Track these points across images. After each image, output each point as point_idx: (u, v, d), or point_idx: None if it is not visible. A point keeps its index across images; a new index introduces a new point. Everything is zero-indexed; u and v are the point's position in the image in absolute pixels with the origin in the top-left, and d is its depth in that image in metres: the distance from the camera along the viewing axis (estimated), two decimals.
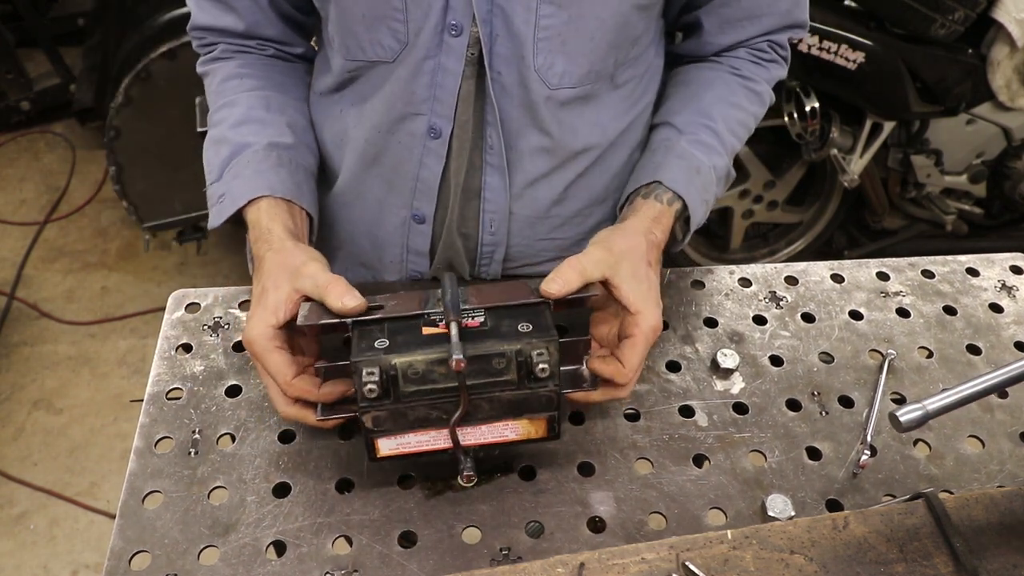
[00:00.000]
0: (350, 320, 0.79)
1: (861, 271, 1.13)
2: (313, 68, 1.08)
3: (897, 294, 1.11)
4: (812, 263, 1.14)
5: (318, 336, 0.85)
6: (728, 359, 0.98)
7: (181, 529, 0.82)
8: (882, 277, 1.13)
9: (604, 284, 0.84)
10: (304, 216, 0.95)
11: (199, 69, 1.05)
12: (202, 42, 1.04)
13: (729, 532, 0.75)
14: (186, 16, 1.02)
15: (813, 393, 0.98)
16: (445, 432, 0.79)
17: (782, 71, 1.07)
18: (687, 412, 0.95)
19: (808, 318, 1.06)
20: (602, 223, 1.07)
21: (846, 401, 0.97)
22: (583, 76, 0.93)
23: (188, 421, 0.92)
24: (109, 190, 2.93)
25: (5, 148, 3.26)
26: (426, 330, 0.77)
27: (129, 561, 0.80)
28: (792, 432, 0.93)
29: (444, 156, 0.97)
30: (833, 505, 0.87)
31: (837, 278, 1.12)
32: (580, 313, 0.90)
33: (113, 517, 1.06)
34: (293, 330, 0.83)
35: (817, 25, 2.05)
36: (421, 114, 0.94)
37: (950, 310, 1.09)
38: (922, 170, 2.39)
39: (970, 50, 2.15)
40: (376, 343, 0.76)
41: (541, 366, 0.75)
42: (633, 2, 0.89)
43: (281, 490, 0.86)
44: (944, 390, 0.70)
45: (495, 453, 0.86)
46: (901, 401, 0.98)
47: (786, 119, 2.29)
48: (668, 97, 1.06)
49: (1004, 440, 0.94)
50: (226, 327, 1.01)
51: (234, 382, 0.95)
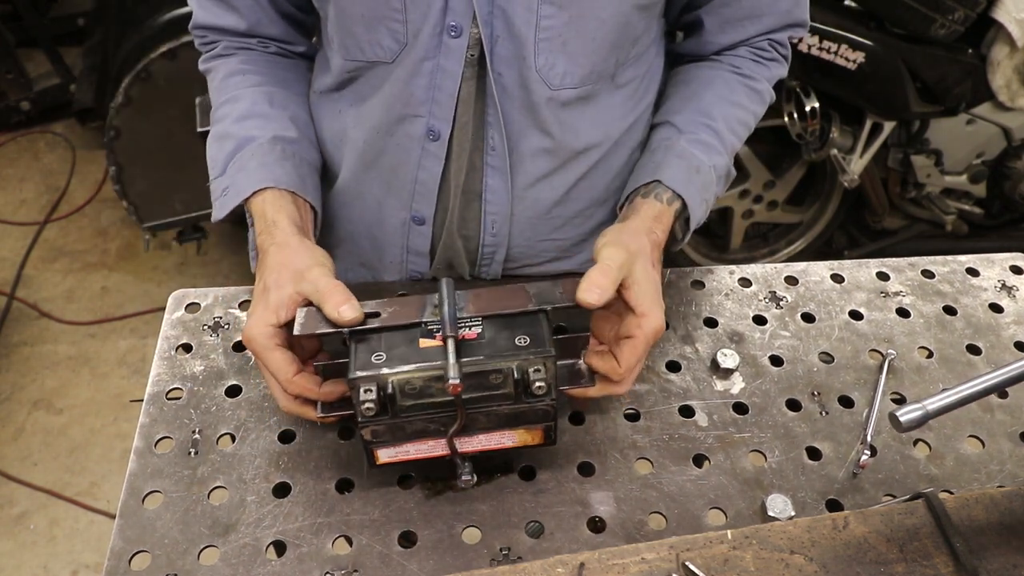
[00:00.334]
0: (347, 330, 0.78)
1: (861, 271, 1.13)
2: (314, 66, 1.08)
3: (897, 294, 1.11)
4: (812, 263, 1.14)
5: (318, 336, 0.85)
6: (728, 359, 0.98)
7: (181, 529, 0.82)
8: (882, 277, 1.13)
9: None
10: (309, 209, 0.95)
11: (201, 67, 1.05)
12: (204, 40, 1.04)
13: (729, 532, 0.75)
14: (186, 16, 1.02)
15: (813, 393, 0.97)
16: (443, 441, 0.80)
17: (783, 70, 1.07)
18: (687, 412, 0.95)
19: (808, 318, 1.06)
20: (603, 224, 1.07)
21: (846, 401, 0.97)
22: (584, 76, 0.92)
23: (188, 421, 0.92)
24: (109, 190, 2.93)
25: (5, 148, 3.26)
26: (423, 343, 0.77)
27: (129, 561, 0.80)
28: (792, 432, 0.93)
29: (443, 158, 0.96)
30: (833, 505, 0.87)
31: (837, 278, 1.12)
32: (581, 311, 0.90)
33: (113, 517, 1.06)
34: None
35: (817, 25, 2.05)
36: (419, 116, 0.94)
37: (950, 310, 1.09)
38: (922, 170, 2.39)
39: (970, 50, 2.15)
40: (373, 357, 0.76)
41: (538, 384, 0.75)
42: (634, 2, 0.89)
43: (281, 490, 0.86)
44: (944, 390, 0.70)
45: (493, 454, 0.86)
46: (901, 401, 0.98)
47: (786, 119, 2.29)
48: (668, 96, 1.06)
49: (1004, 440, 0.94)
50: (226, 327, 1.01)
51: (234, 382, 0.95)
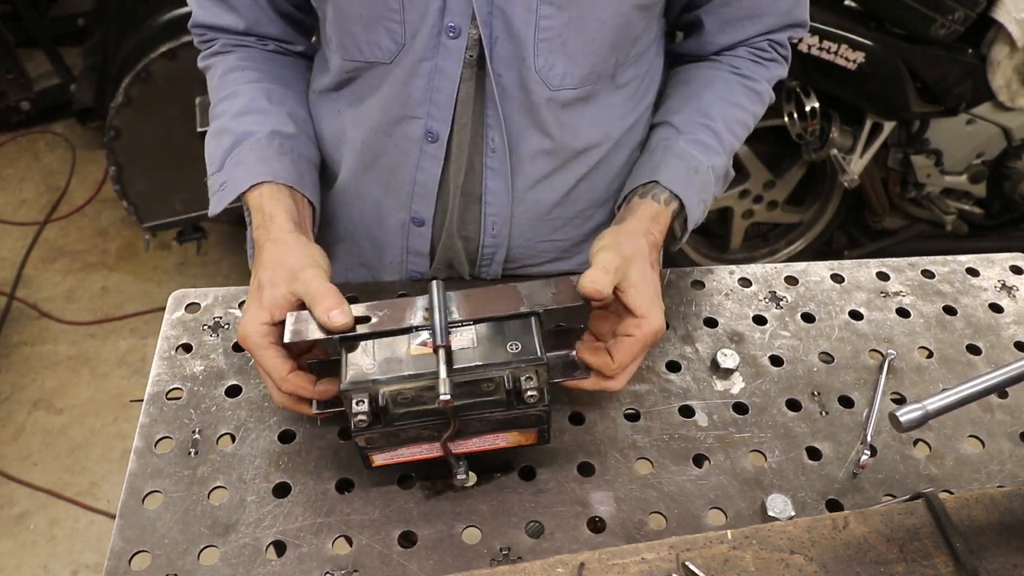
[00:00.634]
0: (338, 336, 0.78)
1: (861, 271, 1.13)
2: (313, 65, 1.08)
3: (897, 294, 1.10)
4: (812, 263, 1.14)
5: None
6: (728, 359, 0.98)
7: (181, 529, 0.82)
8: (882, 277, 1.13)
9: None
10: (307, 205, 0.94)
11: (200, 64, 1.05)
12: (203, 38, 1.04)
13: (729, 532, 0.75)
14: (186, 16, 1.03)
15: (813, 393, 0.97)
16: (438, 444, 0.80)
17: (782, 70, 1.07)
18: (687, 412, 0.95)
19: (808, 318, 1.06)
20: (603, 224, 1.07)
21: (846, 401, 0.97)
22: (584, 77, 0.92)
23: (188, 421, 0.91)
24: (109, 190, 2.93)
25: (5, 148, 3.26)
26: (415, 351, 0.77)
27: (129, 561, 0.80)
28: (792, 432, 0.93)
29: (442, 160, 0.96)
30: (833, 505, 0.87)
31: (837, 278, 1.12)
32: (578, 311, 0.90)
33: (113, 517, 1.06)
34: None
35: (817, 25, 2.05)
36: (417, 118, 0.94)
37: (950, 310, 1.09)
38: (922, 170, 2.39)
39: (970, 50, 2.15)
40: (365, 366, 0.76)
41: (530, 392, 0.75)
42: (634, 2, 0.89)
43: (281, 490, 0.86)
44: (944, 390, 0.70)
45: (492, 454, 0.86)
46: (901, 401, 0.98)
47: (786, 119, 2.29)
48: (668, 96, 1.05)
49: (1004, 440, 0.94)
50: (226, 327, 1.01)
51: (234, 382, 0.95)
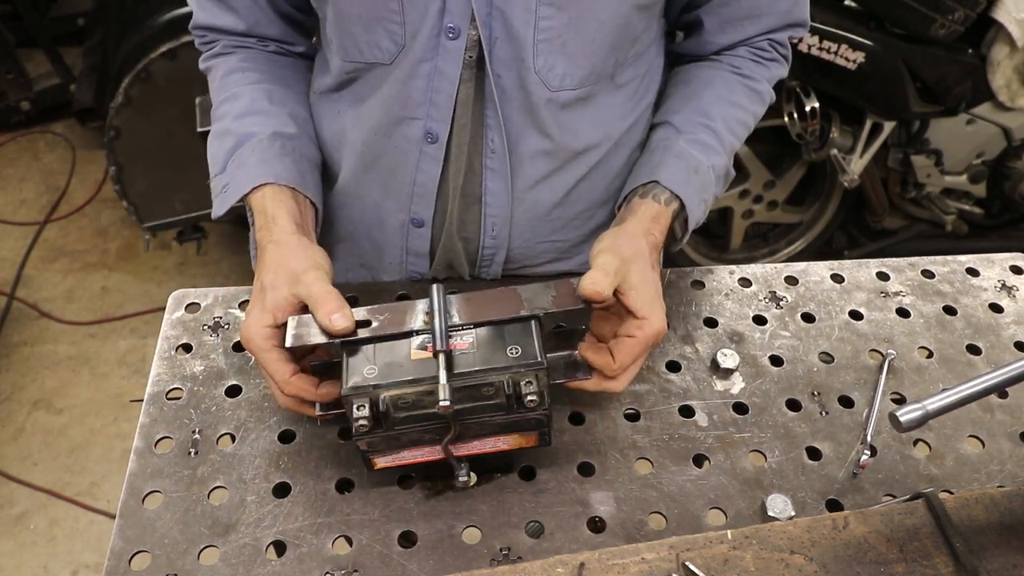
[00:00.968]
0: (338, 341, 0.78)
1: (861, 271, 1.13)
2: (314, 66, 1.08)
3: (897, 294, 1.10)
4: (812, 263, 1.14)
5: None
6: (728, 359, 0.98)
7: (181, 529, 0.82)
8: (882, 277, 1.13)
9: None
10: (309, 206, 0.94)
11: (201, 65, 1.05)
12: (203, 40, 1.04)
13: (729, 532, 0.75)
14: (186, 16, 1.03)
15: (813, 393, 0.97)
16: (439, 447, 0.80)
17: (783, 70, 1.07)
18: (687, 412, 0.95)
19: (808, 318, 1.06)
20: (603, 225, 1.07)
21: (846, 401, 0.97)
22: (584, 77, 0.92)
23: (188, 421, 0.92)
24: (109, 190, 2.93)
25: (5, 148, 3.26)
26: (415, 355, 0.77)
27: (129, 561, 0.80)
28: (792, 432, 0.93)
29: (441, 161, 0.96)
30: (833, 505, 0.87)
31: (837, 278, 1.12)
32: (581, 311, 0.90)
33: (113, 517, 1.06)
34: None
35: (817, 25, 2.05)
36: (417, 118, 0.94)
37: (950, 310, 1.09)
38: (922, 170, 2.39)
39: (970, 50, 2.15)
40: (366, 370, 0.76)
41: (530, 396, 0.76)
42: (633, 2, 0.89)
43: (281, 490, 0.86)
44: (944, 390, 0.70)
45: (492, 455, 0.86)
46: (901, 401, 0.98)
47: (786, 119, 2.29)
48: (668, 96, 1.05)
49: (1004, 440, 0.94)
50: (226, 327, 1.01)
51: (234, 382, 0.95)
